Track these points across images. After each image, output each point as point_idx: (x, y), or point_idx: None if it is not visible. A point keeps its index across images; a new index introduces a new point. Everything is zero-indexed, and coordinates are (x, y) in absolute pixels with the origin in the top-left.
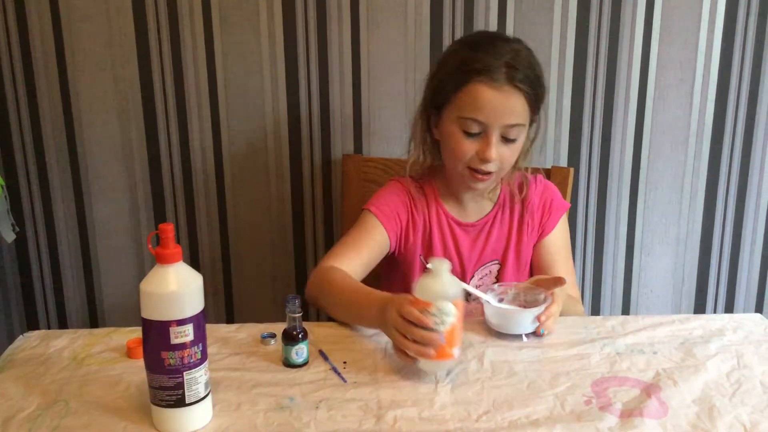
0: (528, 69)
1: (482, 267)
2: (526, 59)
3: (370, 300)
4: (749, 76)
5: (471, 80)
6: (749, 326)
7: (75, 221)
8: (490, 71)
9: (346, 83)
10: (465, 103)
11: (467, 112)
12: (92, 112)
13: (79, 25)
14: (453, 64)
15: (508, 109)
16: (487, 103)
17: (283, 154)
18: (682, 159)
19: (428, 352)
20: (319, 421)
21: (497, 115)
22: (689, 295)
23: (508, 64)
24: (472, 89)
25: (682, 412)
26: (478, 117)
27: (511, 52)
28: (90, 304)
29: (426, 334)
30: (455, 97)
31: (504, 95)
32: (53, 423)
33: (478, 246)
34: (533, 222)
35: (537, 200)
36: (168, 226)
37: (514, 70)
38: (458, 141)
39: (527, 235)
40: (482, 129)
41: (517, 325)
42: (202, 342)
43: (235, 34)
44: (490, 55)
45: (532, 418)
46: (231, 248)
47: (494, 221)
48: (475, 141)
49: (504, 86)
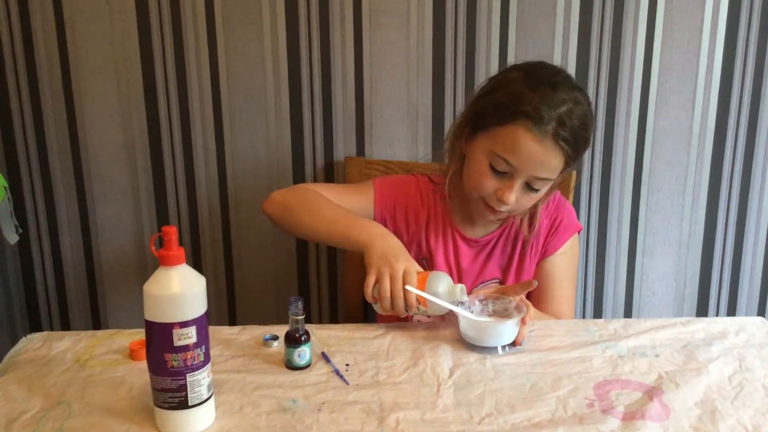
0: (579, 129)
1: (482, 284)
2: (580, 116)
3: (366, 223)
4: (751, 80)
5: (516, 121)
6: (751, 329)
7: (78, 223)
8: (540, 120)
9: (348, 85)
10: (502, 140)
11: (501, 150)
12: (95, 113)
13: (82, 25)
14: (505, 94)
15: (544, 162)
16: (524, 149)
17: (285, 156)
18: (685, 162)
19: (390, 312)
20: (322, 423)
21: (530, 164)
22: (691, 298)
23: (560, 118)
24: (514, 130)
25: (684, 415)
26: (511, 160)
27: (568, 105)
28: (93, 306)
29: (401, 311)
30: (496, 130)
31: (544, 149)
32: (56, 425)
33: (479, 262)
34: (538, 243)
35: (546, 221)
36: (171, 228)
37: (563, 127)
38: (483, 172)
39: (530, 256)
40: (510, 171)
41: (495, 337)
42: (205, 344)
43: (238, 35)
44: (545, 102)
45: (534, 421)
46: (234, 250)
47: (499, 240)
48: (499, 179)
49: (547, 140)
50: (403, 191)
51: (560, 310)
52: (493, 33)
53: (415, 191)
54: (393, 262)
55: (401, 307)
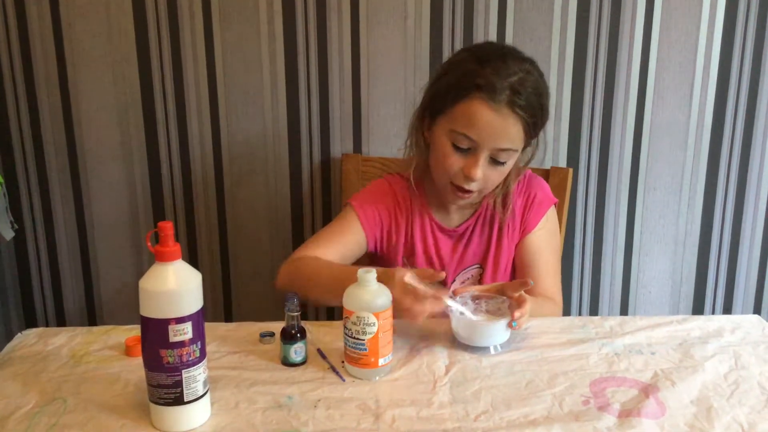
0: (533, 95)
1: (463, 271)
2: (532, 84)
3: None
4: (748, 77)
5: (471, 95)
6: (747, 327)
7: (74, 219)
8: (493, 91)
9: (345, 82)
10: (460, 117)
11: (460, 126)
12: (91, 111)
13: (78, 23)
14: (456, 74)
15: (503, 132)
16: (482, 122)
17: (282, 153)
18: (681, 160)
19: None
20: (318, 419)
21: (490, 136)
22: (687, 296)
23: (513, 87)
24: (469, 105)
25: (679, 413)
26: (470, 134)
27: (519, 75)
28: (88, 302)
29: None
30: (452, 109)
31: (501, 118)
32: (51, 421)
33: (458, 250)
34: (514, 223)
35: (520, 200)
36: (167, 224)
37: (517, 95)
38: (446, 153)
39: (508, 238)
40: (472, 146)
41: (487, 337)
42: (201, 340)
43: (235, 32)
44: (496, 74)
45: (530, 418)
46: (230, 247)
47: (476, 226)
48: (463, 157)
49: (503, 109)
50: (380, 198)
51: (544, 287)
52: (490, 30)
53: (390, 194)
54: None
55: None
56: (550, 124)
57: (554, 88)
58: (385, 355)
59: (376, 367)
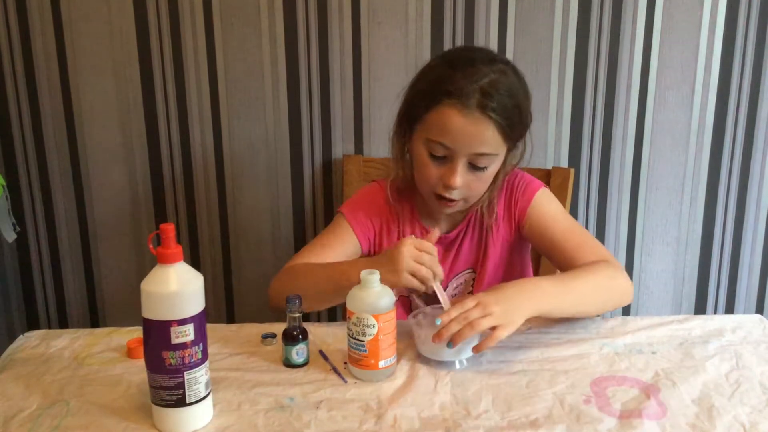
0: (506, 98)
1: (456, 276)
2: (505, 86)
3: (355, 262)
4: (750, 78)
5: (441, 102)
6: (748, 326)
7: (76, 221)
8: (462, 95)
9: (346, 83)
10: (433, 124)
11: (434, 134)
12: (93, 112)
13: (80, 24)
14: (427, 81)
15: (477, 137)
16: (454, 128)
17: (283, 154)
18: (683, 160)
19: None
20: (320, 420)
21: (465, 142)
22: (689, 297)
23: (483, 90)
24: (441, 112)
25: (681, 413)
26: (445, 141)
27: (490, 77)
28: (91, 304)
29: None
30: (425, 117)
31: (473, 122)
32: (54, 423)
33: (450, 257)
34: (502, 221)
35: (504, 199)
36: (169, 226)
37: (488, 98)
38: (424, 163)
39: (500, 238)
40: (448, 154)
41: (452, 351)
42: (203, 342)
43: (236, 34)
44: (465, 78)
45: (531, 418)
46: (231, 248)
47: (466, 232)
48: (441, 165)
49: (474, 113)
50: (372, 204)
51: (579, 254)
52: (491, 31)
53: (381, 199)
54: (400, 254)
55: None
56: (551, 125)
57: (555, 89)
58: (387, 357)
59: (377, 369)
